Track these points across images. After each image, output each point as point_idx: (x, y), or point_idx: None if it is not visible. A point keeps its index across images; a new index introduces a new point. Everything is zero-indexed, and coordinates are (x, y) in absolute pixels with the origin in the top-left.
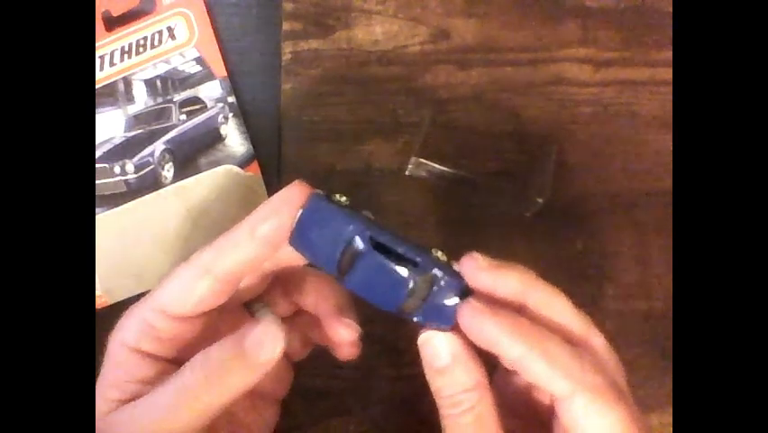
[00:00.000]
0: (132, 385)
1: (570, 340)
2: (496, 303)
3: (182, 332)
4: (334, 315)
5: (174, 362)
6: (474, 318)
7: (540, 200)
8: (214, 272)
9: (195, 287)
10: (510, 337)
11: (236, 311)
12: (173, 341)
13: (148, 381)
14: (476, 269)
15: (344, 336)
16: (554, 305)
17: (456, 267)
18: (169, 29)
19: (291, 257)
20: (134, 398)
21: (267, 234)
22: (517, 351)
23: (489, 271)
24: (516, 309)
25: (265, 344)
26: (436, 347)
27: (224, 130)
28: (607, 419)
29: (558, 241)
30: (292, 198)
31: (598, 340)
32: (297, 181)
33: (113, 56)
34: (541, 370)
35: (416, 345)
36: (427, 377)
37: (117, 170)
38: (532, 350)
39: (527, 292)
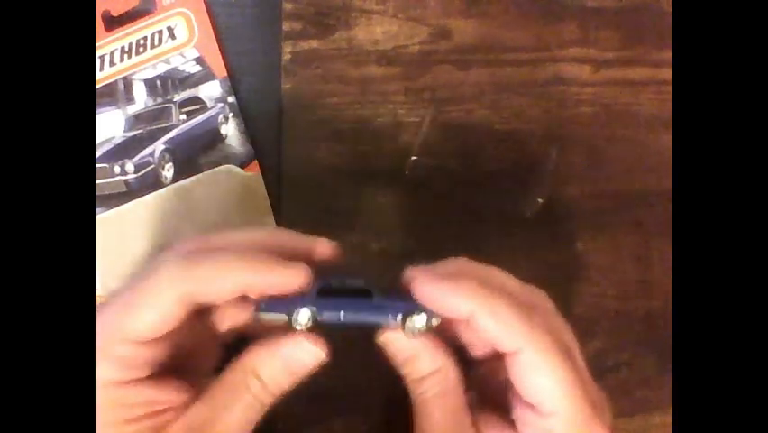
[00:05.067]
0: (142, 412)
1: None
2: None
3: (158, 349)
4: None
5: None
6: (425, 285)
7: (540, 200)
8: (187, 301)
9: (166, 313)
10: (458, 296)
11: None
12: (152, 363)
13: (151, 402)
14: (413, 275)
15: (325, 251)
16: (495, 275)
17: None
18: (169, 29)
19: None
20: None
21: (255, 290)
22: (467, 307)
23: (424, 271)
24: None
25: (303, 357)
26: (396, 346)
27: (224, 130)
28: (552, 376)
29: (558, 241)
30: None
31: (543, 303)
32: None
33: (113, 56)
34: (489, 326)
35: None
36: (396, 367)
37: (117, 170)
38: (481, 307)
39: (467, 271)
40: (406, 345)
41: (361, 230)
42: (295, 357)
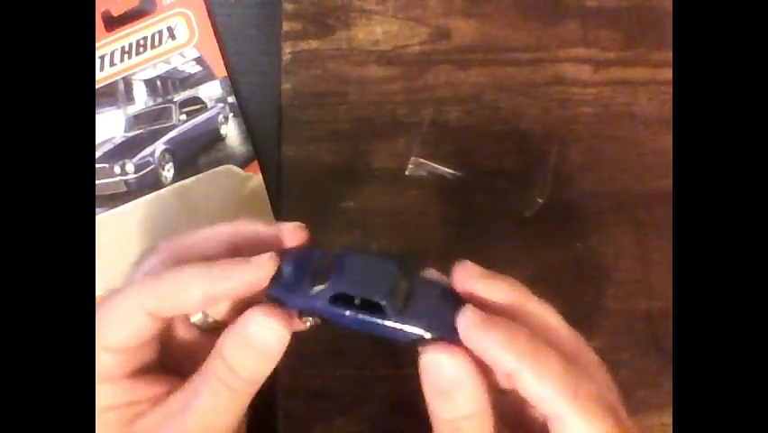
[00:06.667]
0: (120, 402)
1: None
2: (492, 312)
3: (133, 356)
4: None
5: (151, 368)
6: (472, 327)
7: (540, 200)
8: (154, 316)
9: (135, 327)
10: (505, 350)
11: None
12: (127, 366)
13: (128, 394)
14: (468, 277)
15: (290, 240)
16: (546, 318)
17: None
18: (169, 29)
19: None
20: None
21: (222, 296)
22: (512, 364)
23: (481, 279)
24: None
25: (263, 333)
26: (440, 368)
27: (224, 130)
28: None
29: (558, 241)
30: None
31: (590, 356)
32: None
33: (113, 56)
34: (535, 387)
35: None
36: (426, 398)
37: (117, 170)
38: (526, 365)
39: (519, 304)
40: (450, 374)
41: (361, 230)
42: (254, 334)
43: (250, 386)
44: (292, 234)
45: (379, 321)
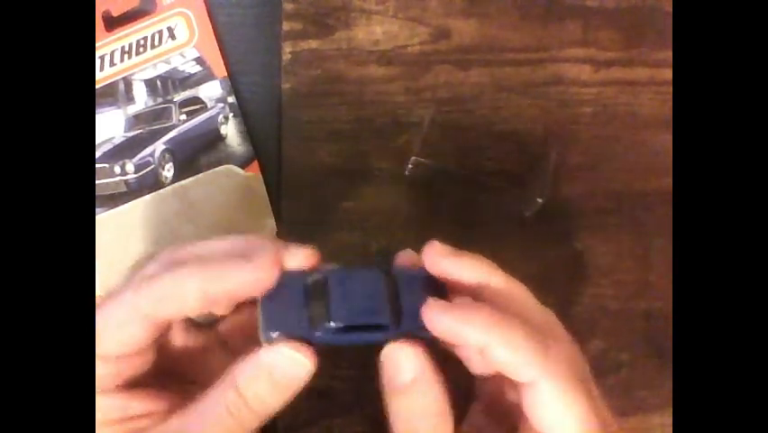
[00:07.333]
0: (116, 416)
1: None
2: (456, 291)
3: (129, 363)
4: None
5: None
6: (435, 316)
7: (540, 200)
8: (151, 319)
9: (131, 332)
10: (471, 326)
11: None
12: (122, 375)
13: (124, 409)
14: (436, 255)
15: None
16: (515, 293)
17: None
18: (169, 29)
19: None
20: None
21: (221, 296)
22: (481, 339)
23: (448, 257)
24: (477, 298)
25: (288, 368)
26: (399, 361)
27: (224, 130)
28: (568, 409)
29: (558, 241)
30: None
31: (561, 331)
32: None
33: (113, 56)
34: (505, 356)
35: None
36: (385, 398)
37: (117, 170)
38: (495, 337)
39: (488, 280)
40: (408, 368)
41: (361, 230)
42: (277, 366)
43: (258, 420)
44: (299, 260)
45: (381, 336)
